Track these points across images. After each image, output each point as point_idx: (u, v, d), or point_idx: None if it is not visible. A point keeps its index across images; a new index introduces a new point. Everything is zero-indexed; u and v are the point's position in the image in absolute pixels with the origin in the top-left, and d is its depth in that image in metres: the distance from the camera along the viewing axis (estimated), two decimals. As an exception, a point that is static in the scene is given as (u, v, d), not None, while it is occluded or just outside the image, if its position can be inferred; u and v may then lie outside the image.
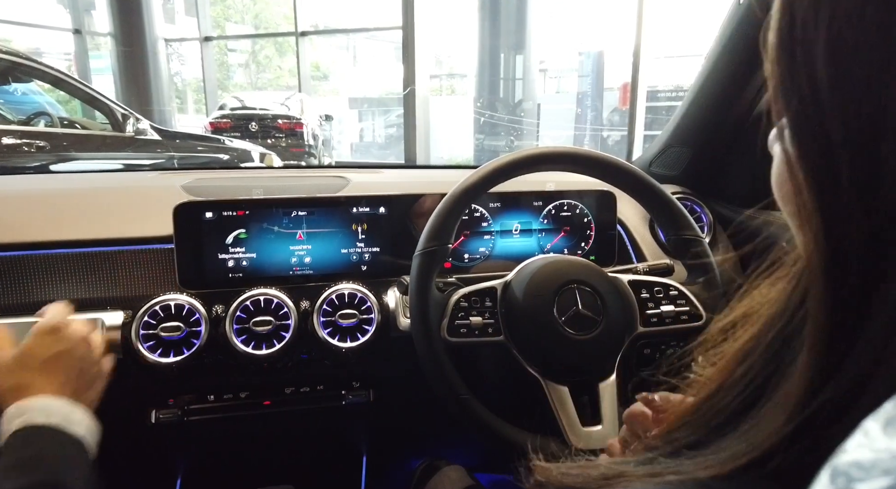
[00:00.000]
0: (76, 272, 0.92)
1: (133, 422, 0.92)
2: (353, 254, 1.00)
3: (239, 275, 0.95)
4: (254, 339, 0.88)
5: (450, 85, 13.45)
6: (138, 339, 0.84)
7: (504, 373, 0.87)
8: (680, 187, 1.21)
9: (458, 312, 0.81)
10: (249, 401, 0.96)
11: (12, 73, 3.82)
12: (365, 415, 1.05)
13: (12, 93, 4.16)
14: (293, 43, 10.49)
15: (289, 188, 1.06)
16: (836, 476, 0.18)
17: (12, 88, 4.12)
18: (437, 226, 0.81)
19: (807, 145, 0.27)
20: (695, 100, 1.12)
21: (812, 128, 0.26)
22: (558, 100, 11.11)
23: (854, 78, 0.24)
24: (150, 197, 1.04)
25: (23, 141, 3.46)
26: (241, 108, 8.31)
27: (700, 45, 1.74)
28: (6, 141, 3.36)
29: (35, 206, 0.98)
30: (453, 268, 1.05)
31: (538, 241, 1.08)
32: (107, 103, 3.97)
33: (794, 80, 0.27)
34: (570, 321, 0.79)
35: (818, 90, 0.26)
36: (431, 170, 1.39)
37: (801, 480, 0.20)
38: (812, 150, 0.27)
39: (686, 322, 0.85)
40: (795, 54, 0.27)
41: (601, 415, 0.78)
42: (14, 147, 3.38)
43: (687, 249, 0.87)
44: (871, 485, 0.17)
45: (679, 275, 0.92)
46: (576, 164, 0.87)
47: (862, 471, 0.17)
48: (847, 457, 0.18)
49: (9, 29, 10.83)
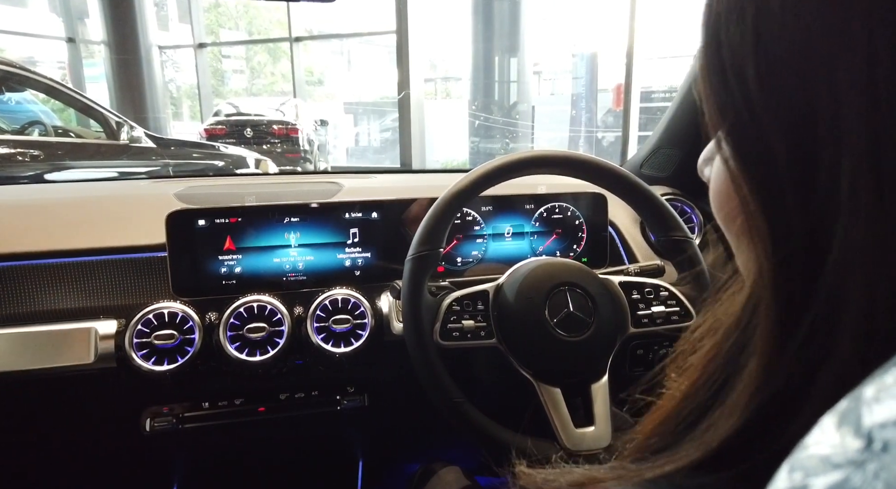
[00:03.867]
0: (68, 281, 0.92)
1: (128, 431, 0.92)
2: (346, 260, 1.01)
3: (232, 283, 0.95)
4: (248, 346, 0.88)
5: (445, 88, 13.48)
6: (132, 348, 0.84)
7: (497, 375, 0.88)
8: (670, 188, 1.22)
9: (451, 316, 0.81)
10: (244, 407, 0.96)
11: (6, 82, 3.81)
12: (360, 420, 1.05)
13: (6, 102, 4.15)
14: (287, 48, 10.51)
15: (281, 194, 1.07)
16: (794, 470, 0.19)
17: (6, 98, 4.12)
18: (428, 230, 0.81)
19: (748, 158, 0.28)
20: (683, 101, 1.13)
21: (750, 138, 0.27)
22: (553, 102, 11.14)
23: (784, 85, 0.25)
24: (143, 205, 1.04)
25: (17, 150, 3.46)
26: (236, 115, 8.31)
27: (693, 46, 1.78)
28: (0, 150, 3.36)
29: (27, 217, 0.98)
30: (446, 271, 1.06)
31: (530, 244, 1.09)
32: (101, 111, 3.97)
33: (728, 98, 0.28)
34: (562, 323, 0.80)
35: (751, 101, 0.27)
36: (424, 174, 1.39)
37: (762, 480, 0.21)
38: (754, 162, 0.27)
39: (677, 322, 0.86)
40: (725, 69, 0.28)
41: (594, 417, 0.79)
42: (8, 156, 3.37)
43: (677, 250, 0.88)
44: (826, 479, 0.17)
45: (670, 276, 0.93)
46: (565, 167, 0.88)
47: (818, 465, 0.18)
48: (805, 452, 0.19)
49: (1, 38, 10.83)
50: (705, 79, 0.29)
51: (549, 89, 11.85)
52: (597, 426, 0.78)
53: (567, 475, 0.35)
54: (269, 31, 14.99)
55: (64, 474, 1.01)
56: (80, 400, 0.92)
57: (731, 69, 0.27)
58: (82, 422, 0.96)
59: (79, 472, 1.02)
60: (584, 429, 0.78)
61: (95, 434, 0.97)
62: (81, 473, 1.03)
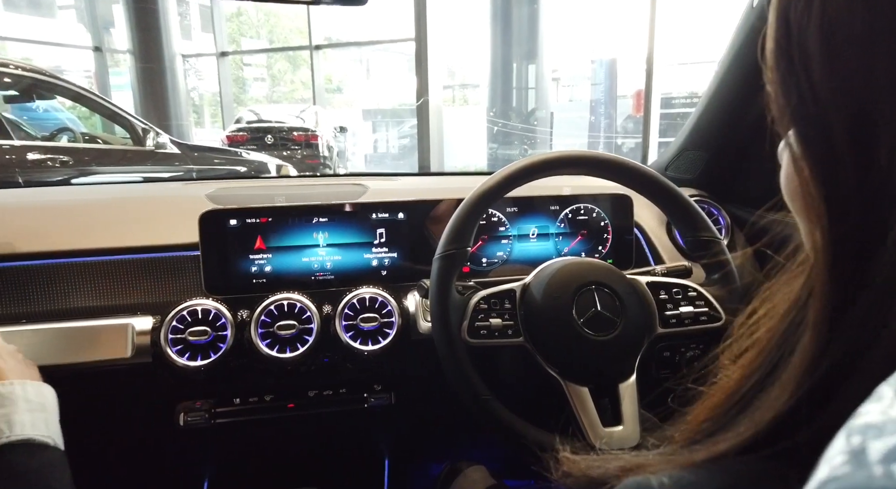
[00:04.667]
0: (106, 279, 0.95)
1: (162, 425, 0.94)
2: (373, 260, 1.02)
3: (262, 281, 0.97)
4: (278, 343, 0.90)
5: (463, 95, 13.53)
6: (167, 343, 0.87)
7: (524, 374, 0.88)
8: (696, 190, 1.22)
9: (478, 314, 0.82)
10: (274, 403, 0.98)
11: (35, 90, 3.92)
12: (387, 418, 1.06)
13: (35, 109, 4.28)
14: (307, 56, 10.64)
15: (309, 196, 1.09)
16: (852, 435, 0.19)
17: (35, 105, 4.24)
18: (456, 229, 0.82)
19: (809, 140, 0.29)
20: (709, 103, 1.13)
21: (813, 123, 0.28)
22: (571, 108, 11.12)
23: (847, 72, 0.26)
24: (177, 206, 1.07)
25: (46, 156, 3.55)
26: (257, 122, 8.43)
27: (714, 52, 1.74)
28: (31, 156, 3.45)
29: (65, 216, 1.01)
30: (472, 272, 1.06)
31: (555, 245, 1.09)
32: (127, 118, 4.06)
33: (793, 81, 0.29)
34: (589, 322, 0.80)
35: (815, 88, 0.27)
36: (447, 176, 1.40)
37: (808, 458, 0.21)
38: (814, 144, 0.28)
39: (705, 323, 0.86)
40: (792, 57, 0.28)
41: (622, 416, 0.79)
42: (38, 162, 3.46)
43: (705, 251, 0.88)
44: (885, 441, 0.18)
45: (697, 277, 0.92)
46: (592, 168, 0.88)
47: (875, 430, 0.18)
48: (862, 419, 0.19)
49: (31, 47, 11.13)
50: (774, 61, 0.30)
51: (568, 95, 11.83)
52: (625, 425, 0.78)
53: (614, 461, 0.35)
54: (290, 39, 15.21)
55: (102, 466, 1.03)
56: (117, 394, 0.95)
57: (798, 51, 0.28)
58: (119, 416, 0.98)
59: (116, 465, 1.05)
60: (612, 429, 0.78)
61: (132, 427, 1.00)
62: (118, 466, 1.05)
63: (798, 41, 0.28)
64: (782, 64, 0.29)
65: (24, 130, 3.87)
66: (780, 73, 0.30)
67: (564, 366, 0.80)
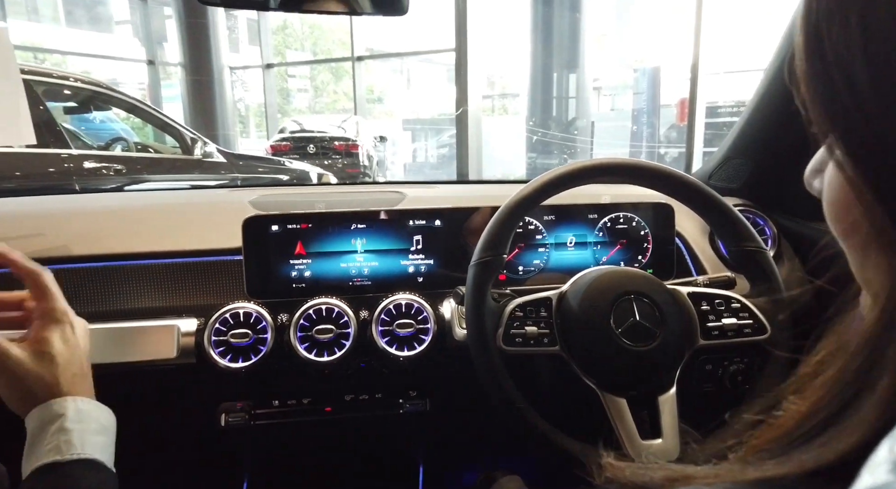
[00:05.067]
0: (154, 282, 0.99)
1: (204, 424, 0.97)
2: (410, 266, 1.03)
3: (302, 286, 0.99)
4: (316, 347, 0.91)
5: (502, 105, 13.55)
6: (210, 345, 0.89)
7: (560, 383, 0.87)
8: (741, 200, 1.19)
9: (514, 322, 0.81)
10: (312, 406, 0.99)
11: (93, 101, 4.11)
12: (422, 424, 1.07)
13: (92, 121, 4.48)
14: (349, 67, 10.84)
15: (348, 202, 1.11)
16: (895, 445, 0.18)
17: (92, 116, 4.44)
18: (492, 236, 0.82)
19: (866, 160, 0.27)
20: (756, 110, 1.10)
21: (867, 141, 0.26)
22: (613, 117, 10.99)
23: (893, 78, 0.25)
24: (221, 212, 1.10)
25: (102, 164, 3.71)
26: (299, 132, 8.64)
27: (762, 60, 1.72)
28: (87, 165, 3.61)
29: (116, 221, 1.06)
30: (508, 280, 1.06)
31: (593, 254, 1.08)
32: (177, 128, 4.22)
33: (835, 99, 0.27)
34: (628, 332, 0.79)
35: (863, 103, 0.26)
36: (485, 185, 1.41)
37: None
38: (873, 164, 0.26)
39: (749, 335, 0.83)
40: (831, 72, 0.27)
41: (661, 429, 0.77)
42: (94, 170, 3.62)
43: (749, 261, 0.85)
44: None
45: (741, 289, 0.90)
46: (632, 176, 0.87)
47: None
48: None
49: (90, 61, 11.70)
50: (809, 84, 0.29)
51: (609, 105, 11.70)
52: (664, 439, 0.76)
53: (659, 470, 0.35)
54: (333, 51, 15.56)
55: (146, 464, 1.06)
56: (162, 393, 0.98)
57: (838, 72, 0.27)
58: (164, 415, 1.01)
59: (160, 463, 1.08)
60: (651, 442, 0.76)
61: (175, 426, 1.03)
62: (162, 464, 1.09)
63: (837, 65, 0.27)
64: (819, 85, 0.28)
65: (82, 140, 4.06)
66: (818, 95, 0.28)
67: (601, 376, 0.79)
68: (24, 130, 0.91)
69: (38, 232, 1.00)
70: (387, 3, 0.86)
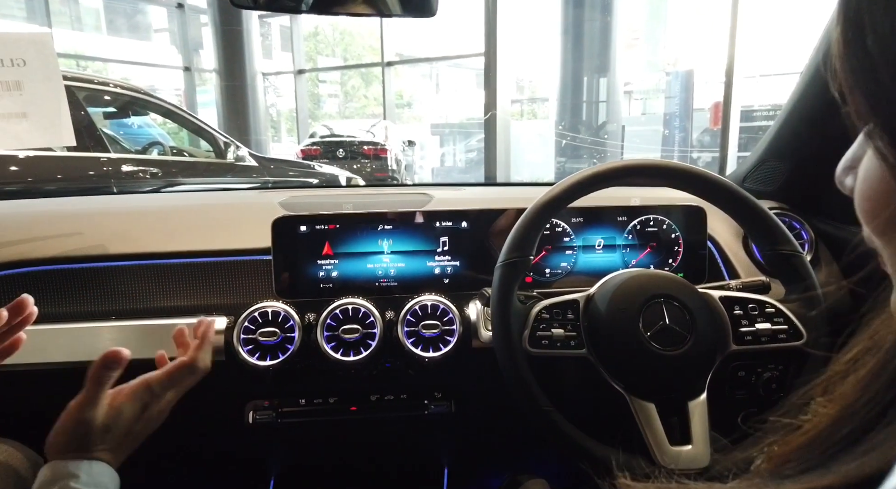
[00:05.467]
0: (185, 280, 1.01)
1: (232, 422, 0.98)
2: (436, 268, 1.03)
3: (329, 286, 1.00)
4: (342, 346, 0.92)
5: (531, 109, 13.50)
6: (239, 343, 0.90)
7: (586, 387, 0.86)
8: (776, 203, 1.15)
9: (540, 324, 0.80)
10: (338, 406, 1.00)
11: (132, 107, 4.23)
12: (447, 427, 1.06)
13: (131, 125, 4.62)
14: (379, 73, 10.95)
15: (376, 204, 1.11)
16: None
17: (131, 121, 4.57)
18: (518, 237, 0.82)
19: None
20: (793, 111, 1.07)
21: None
22: (644, 121, 10.85)
23: None
24: (251, 212, 1.12)
25: (139, 168, 3.81)
26: (329, 136, 8.74)
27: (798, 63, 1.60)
28: (125, 168, 3.71)
29: (151, 221, 1.08)
30: (534, 283, 1.05)
31: (622, 257, 1.06)
32: (211, 133, 4.31)
33: (878, 87, 0.26)
34: (657, 336, 0.77)
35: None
36: (512, 187, 1.40)
37: None
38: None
39: (784, 341, 0.80)
40: (874, 61, 0.26)
41: (691, 435, 0.75)
42: (132, 173, 3.72)
43: (785, 266, 0.83)
44: None
45: (776, 294, 0.87)
46: (663, 177, 0.85)
47: None
48: None
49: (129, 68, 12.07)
50: (850, 72, 0.28)
51: (640, 109, 11.55)
52: (694, 445, 0.74)
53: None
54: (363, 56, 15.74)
55: (175, 460, 1.08)
56: (191, 390, 0.99)
57: (883, 60, 0.26)
58: (192, 411, 1.03)
59: (188, 458, 1.10)
60: (681, 448, 0.74)
61: (203, 423, 1.04)
62: (190, 459, 1.11)
63: (882, 53, 0.26)
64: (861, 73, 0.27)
65: (120, 144, 4.18)
66: (859, 84, 0.28)
67: (629, 380, 0.77)
68: (65, 132, 0.94)
69: (76, 231, 1.03)
70: (416, 5, 0.87)
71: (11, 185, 2.87)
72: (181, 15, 11.87)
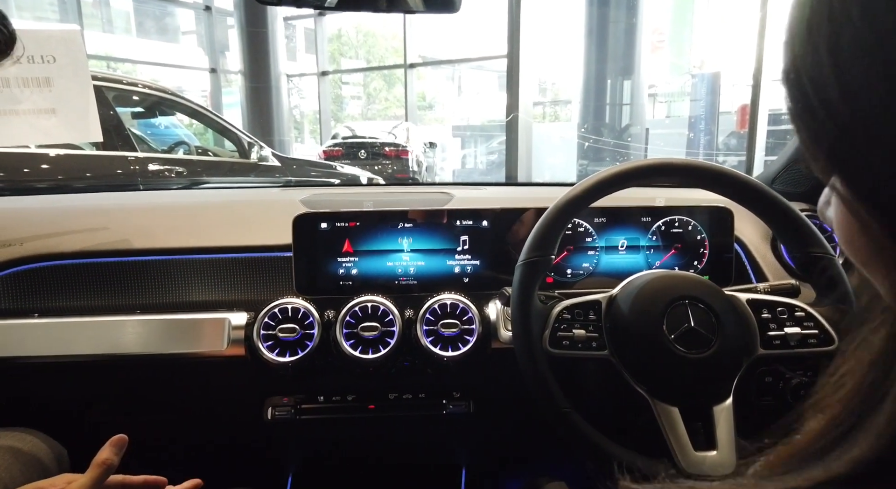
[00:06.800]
0: (207, 276, 1.01)
1: (252, 417, 0.99)
2: (456, 267, 1.02)
3: (349, 283, 1.00)
4: (361, 344, 0.92)
5: (553, 111, 13.44)
6: (259, 339, 0.91)
7: (608, 389, 0.84)
8: (807, 204, 1.12)
9: (561, 324, 0.79)
10: (356, 404, 1.00)
11: (159, 107, 4.31)
12: (465, 427, 1.05)
13: (158, 125, 4.71)
14: (402, 75, 10.99)
15: (396, 202, 1.11)
16: None
17: (158, 121, 4.66)
18: (539, 236, 0.80)
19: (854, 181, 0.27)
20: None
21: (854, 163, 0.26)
22: (668, 124, 10.72)
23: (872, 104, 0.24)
24: (273, 210, 1.12)
25: (165, 167, 3.87)
26: (351, 137, 8.81)
27: None
28: (152, 167, 3.78)
29: (174, 217, 1.10)
30: (555, 283, 1.04)
31: (646, 259, 1.04)
32: (236, 133, 4.37)
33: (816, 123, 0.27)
34: (681, 338, 0.75)
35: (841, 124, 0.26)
36: (533, 187, 1.39)
37: None
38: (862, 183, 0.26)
39: (814, 346, 0.78)
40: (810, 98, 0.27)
41: (716, 441, 0.73)
42: (158, 172, 3.79)
43: (816, 269, 0.80)
44: None
45: (806, 297, 0.84)
46: (689, 177, 0.83)
47: None
48: None
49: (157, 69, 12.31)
50: (806, 133, 0.29)
51: (665, 111, 11.41)
52: (719, 451, 0.72)
53: None
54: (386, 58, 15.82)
55: (195, 454, 1.09)
56: (211, 385, 1.00)
57: (816, 97, 0.27)
58: (211, 405, 1.04)
59: (206, 452, 1.11)
60: (705, 453, 0.72)
61: (222, 417, 1.05)
62: (209, 455, 1.11)
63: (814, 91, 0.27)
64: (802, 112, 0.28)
65: (147, 144, 4.25)
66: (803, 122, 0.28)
67: (652, 383, 0.76)
68: (92, 128, 0.95)
69: (103, 226, 1.04)
70: (438, 1, 0.86)
71: (42, 181, 2.94)
72: (208, 17, 12.06)
